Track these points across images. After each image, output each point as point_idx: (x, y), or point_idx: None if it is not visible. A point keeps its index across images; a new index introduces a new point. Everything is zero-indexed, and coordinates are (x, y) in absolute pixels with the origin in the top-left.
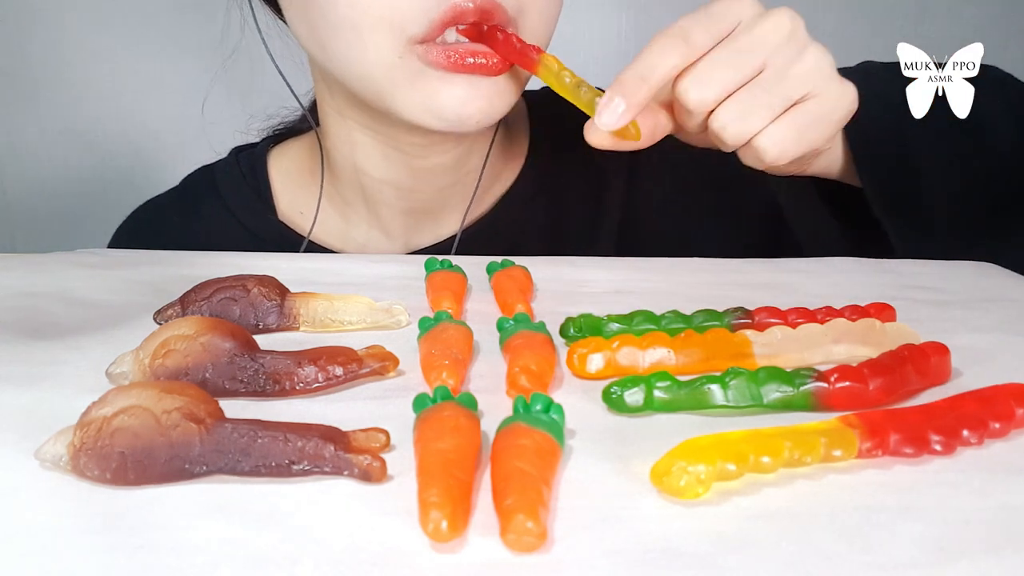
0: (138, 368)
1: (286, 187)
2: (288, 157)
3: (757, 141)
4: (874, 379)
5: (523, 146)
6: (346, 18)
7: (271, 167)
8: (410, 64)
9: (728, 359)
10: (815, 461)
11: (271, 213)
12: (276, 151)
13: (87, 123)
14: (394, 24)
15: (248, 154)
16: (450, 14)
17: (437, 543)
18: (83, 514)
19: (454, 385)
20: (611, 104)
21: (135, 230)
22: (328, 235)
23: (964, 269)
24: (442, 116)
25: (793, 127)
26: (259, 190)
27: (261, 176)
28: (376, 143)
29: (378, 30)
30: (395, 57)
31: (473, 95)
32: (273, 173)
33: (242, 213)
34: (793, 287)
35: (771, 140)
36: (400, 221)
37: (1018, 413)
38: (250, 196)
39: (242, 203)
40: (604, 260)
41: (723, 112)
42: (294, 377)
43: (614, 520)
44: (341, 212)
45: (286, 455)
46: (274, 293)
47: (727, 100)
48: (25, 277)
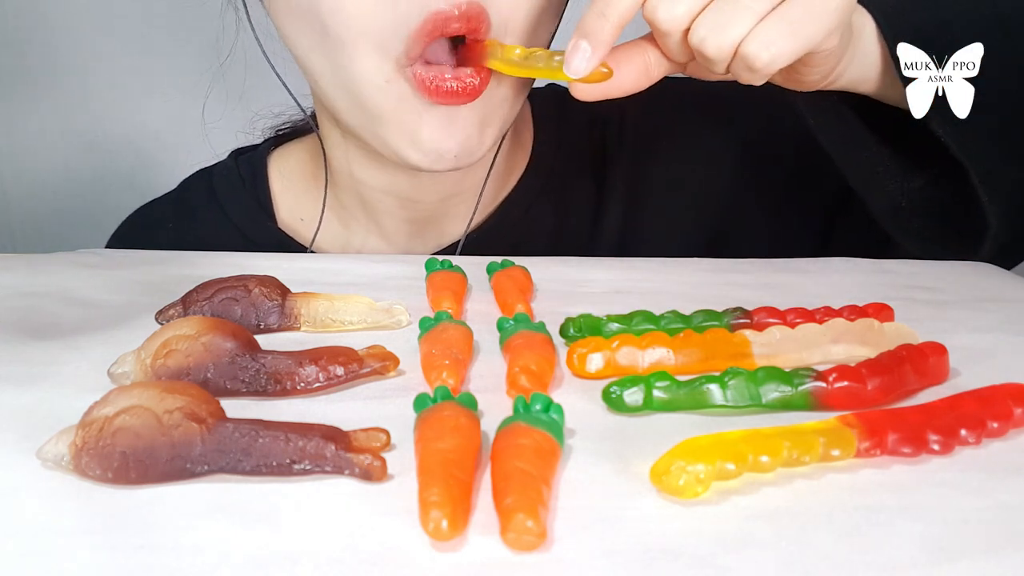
0: (140, 368)
1: (286, 193)
2: (289, 161)
3: (744, 48)
4: (872, 379)
5: (527, 148)
6: (331, 30)
7: (271, 171)
8: (399, 88)
9: (727, 359)
10: (814, 461)
11: (270, 221)
12: (277, 154)
13: (87, 123)
14: (378, 43)
15: (248, 157)
16: (429, 24)
17: (437, 542)
18: (84, 514)
19: (454, 385)
20: (577, 49)
21: (130, 235)
22: (328, 243)
23: (963, 269)
24: (422, 150)
25: (783, 23)
26: (258, 197)
27: (261, 181)
28: (370, 154)
29: (360, 48)
30: (382, 80)
31: (451, 131)
32: (273, 178)
33: (241, 221)
34: (792, 287)
35: (760, 43)
36: (402, 229)
37: (1016, 413)
38: (249, 203)
39: (241, 210)
40: (604, 260)
41: (699, 26)
42: (295, 377)
43: (614, 520)
44: (340, 218)
45: (287, 454)
46: (275, 293)
47: (702, 13)
48: (25, 277)
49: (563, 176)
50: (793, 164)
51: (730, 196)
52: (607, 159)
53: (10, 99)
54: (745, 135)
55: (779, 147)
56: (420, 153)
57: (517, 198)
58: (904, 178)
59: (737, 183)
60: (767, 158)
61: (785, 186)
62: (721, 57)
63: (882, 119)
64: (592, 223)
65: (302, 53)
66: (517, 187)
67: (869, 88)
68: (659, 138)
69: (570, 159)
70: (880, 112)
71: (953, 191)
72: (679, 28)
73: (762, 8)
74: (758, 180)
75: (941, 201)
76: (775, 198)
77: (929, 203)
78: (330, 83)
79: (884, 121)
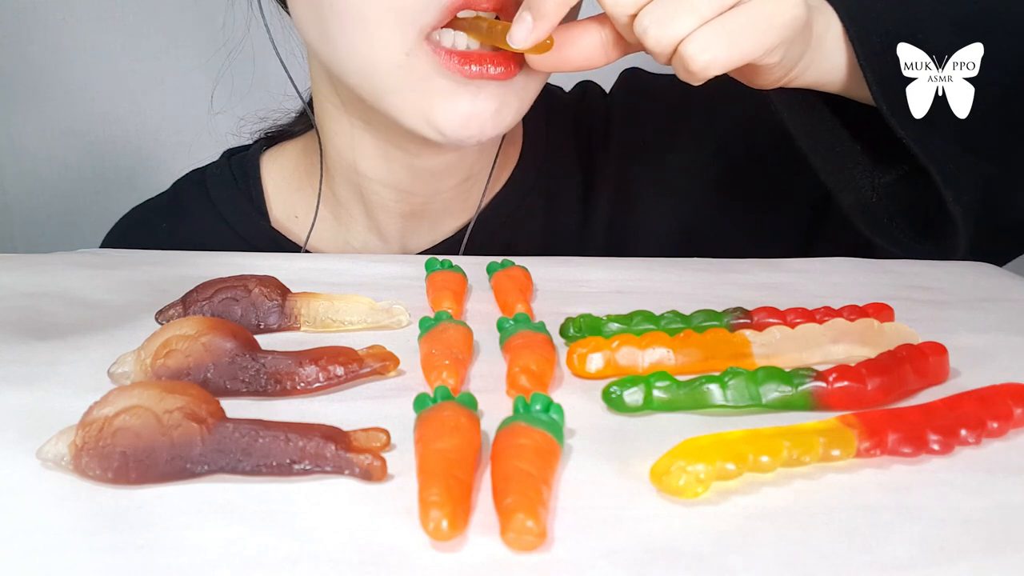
0: (139, 368)
1: (280, 191)
2: (282, 160)
3: (683, 48)
4: (872, 379)
5: (517, 145)
6: (353, 7)
7: (264, 171)
8: (417, 65)
9: (727, 359)
10: (814, 461)
11: (263, 219)
12: (270, 154)
13: (87, 123)
14: (403, 15)
15: (240, 157)
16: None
17: (437, 542)
18: (84, 513)
19: (454, 385)
20: (520, 21)
21: (124, 235)
22: (322, 241)
23: (963, 269)
24: (440, 130)
25: (723, 32)
26: (251, 195)
27: (254, 180)
28: (376, 140)
29: (385, 24)
30: (402, 55)
31: (476, 111)
32: (266, 177)
33: (234, 220)
34: (792, 287)
35: (698, 46)
36: (397, 225)
37: (1016, 413)
38: (242, 202)
39: (234, 209)
40: (604, 260)
41: (644, 15)
42: (295, 377)
43: (614, 520)
44: (336, 214)
45: (287, 454)
46: (275, 293)
47: (651, 3)
48: (25, 277)
49: (551, 173)
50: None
51: (713, 193)
52: (593, 155)
53: (10, 99)
54: (727, 132)
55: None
56: (438, 132)
57: (507, 194)
58: (875, 173)
59: (721, 179)
60: (750, 155)
61: (768, 183)
62: (660, 51)
63: (853, 114)
64: (582, 218)
65: (318, 29)
66: (509, 183)
67: (835, 88)
68: (643, 134)
69: (558, 156)
70: (850, 107)
71: (922, 189)
72: (624, 13)
73: (708, 12)
74: (742, 176)
75: (910, 198)
76: (759, 195)
77: (899, 200)
78: (345, 57)
79: (855, 116)
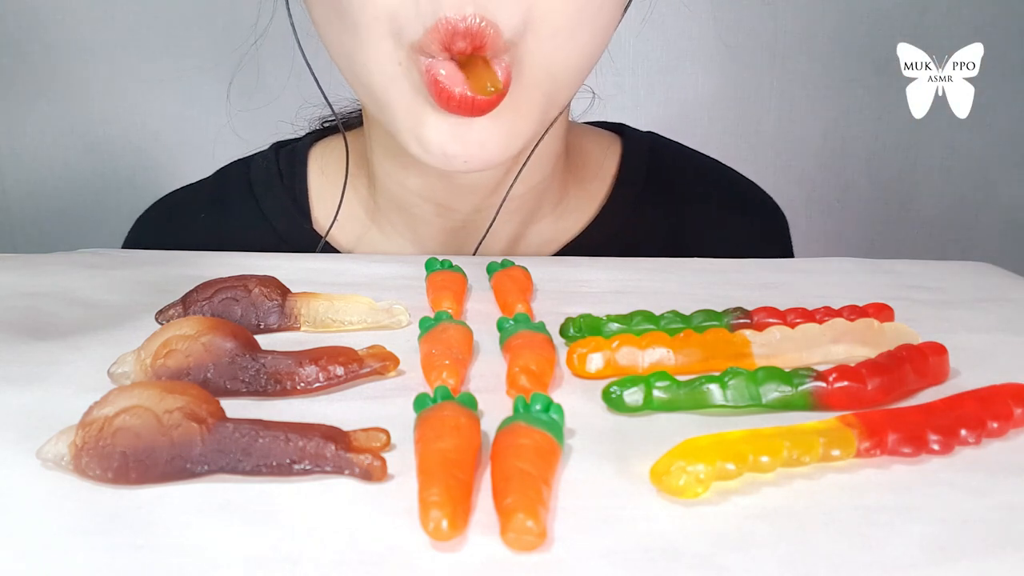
0: (139, 368)
1: (323, 192)
2: (330, 156)
3: None
4: (872, 379)
5: (601, 188)
6: (348, 12)
7: (311, 167)
8: (411, 77)
9: (727, 359)
10: (814, 461)
11: (306, 221)
12: (318, 148)
13: (87, 124)
14: (393, 24)
15: (289, 150)
16: (441, 29)
17: (437, 542)
18: (84, 514)
19: (454, 385)
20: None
21: (161, 222)
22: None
23: (964, 269)
24: (428, 150)
25: None
26: (295, 194)
27: (300, 177)
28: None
29: (375, 31)
30: (395, 65)
31: (459, 134)
32: (312, 174)
33: (275, 217)
34: (792, 287)
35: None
36: (438, 239)
37: (1016, 413)
38: (285, 200)
39: (276, 207)
40: (604, 260)
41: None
42: (295, 377)
43: (614, 520)
44: (377, 223)
45: (287, 454)
46: (275, 293)
47: None
48: (25, 277)
49: (635, 228)
50: None
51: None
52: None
53: (10, 99)
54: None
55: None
56: (426, 153)
57: (583, 242)
58: None
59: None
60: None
61: None
62: None
63: None
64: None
65: (330, 39)
66: (586, 230)
67: None
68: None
69: (649, 213)
70: None
71: None
72: None
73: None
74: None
75: None
76: None
77: None
78: (347, 69)
79: None
